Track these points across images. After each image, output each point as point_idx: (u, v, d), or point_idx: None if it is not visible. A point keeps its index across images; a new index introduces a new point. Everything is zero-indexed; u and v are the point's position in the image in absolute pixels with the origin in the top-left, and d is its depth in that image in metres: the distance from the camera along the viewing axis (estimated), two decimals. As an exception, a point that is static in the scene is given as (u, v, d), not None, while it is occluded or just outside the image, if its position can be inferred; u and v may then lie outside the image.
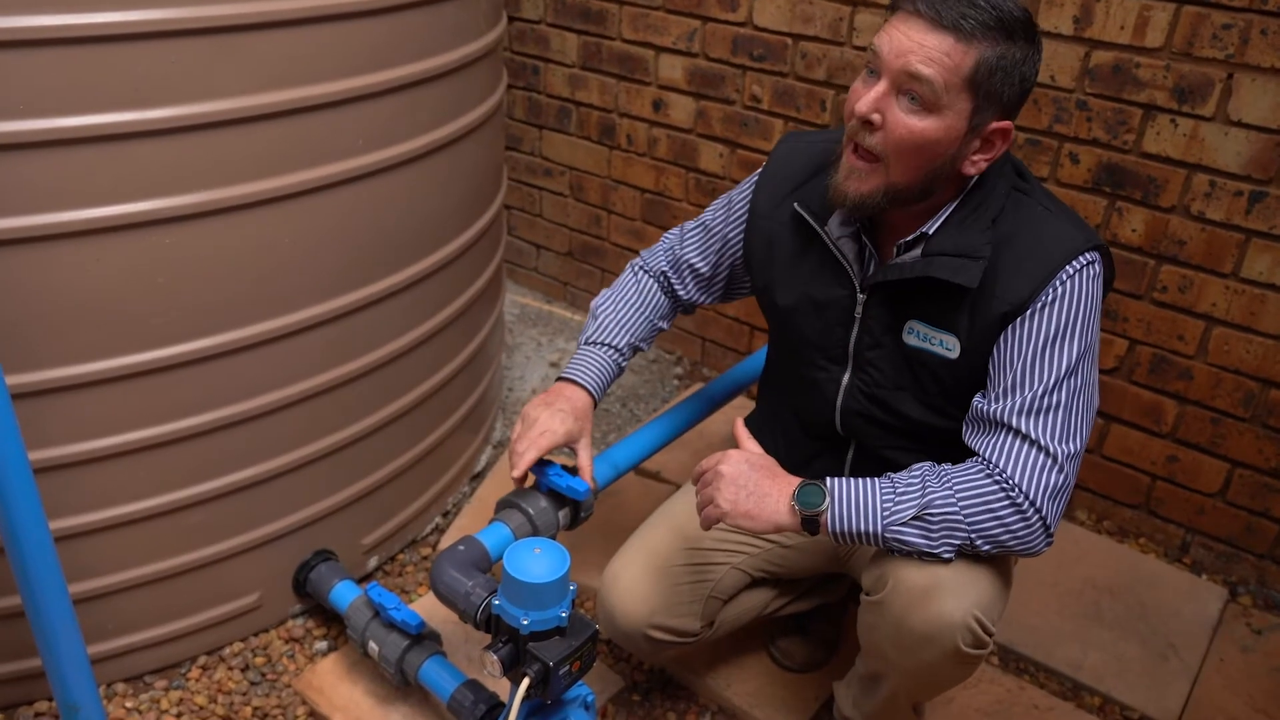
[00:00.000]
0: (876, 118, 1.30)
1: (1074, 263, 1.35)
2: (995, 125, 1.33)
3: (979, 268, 1.36)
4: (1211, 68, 1.95)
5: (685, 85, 2.69)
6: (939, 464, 1.39)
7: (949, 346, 1.43)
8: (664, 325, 1.77)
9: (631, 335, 1.71)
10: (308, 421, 1.81)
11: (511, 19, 2.96)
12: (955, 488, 1.34)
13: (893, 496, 1.35)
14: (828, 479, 1.38)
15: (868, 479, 1.37)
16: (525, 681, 1.36)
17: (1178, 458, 2.25)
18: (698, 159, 2.75)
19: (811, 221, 1.50)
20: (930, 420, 1.49)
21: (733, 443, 1.51)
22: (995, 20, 1.26)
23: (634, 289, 1.75)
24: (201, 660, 1.88)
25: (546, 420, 1.58)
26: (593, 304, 1.75)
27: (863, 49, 2.36)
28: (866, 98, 1.30)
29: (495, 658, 1.38)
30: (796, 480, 1.40)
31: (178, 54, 1.41)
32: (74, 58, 1.34)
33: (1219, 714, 1.90)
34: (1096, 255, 1.38)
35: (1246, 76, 1.92)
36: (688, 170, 2.79)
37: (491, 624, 1.43)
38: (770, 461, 1.45)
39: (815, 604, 1.86)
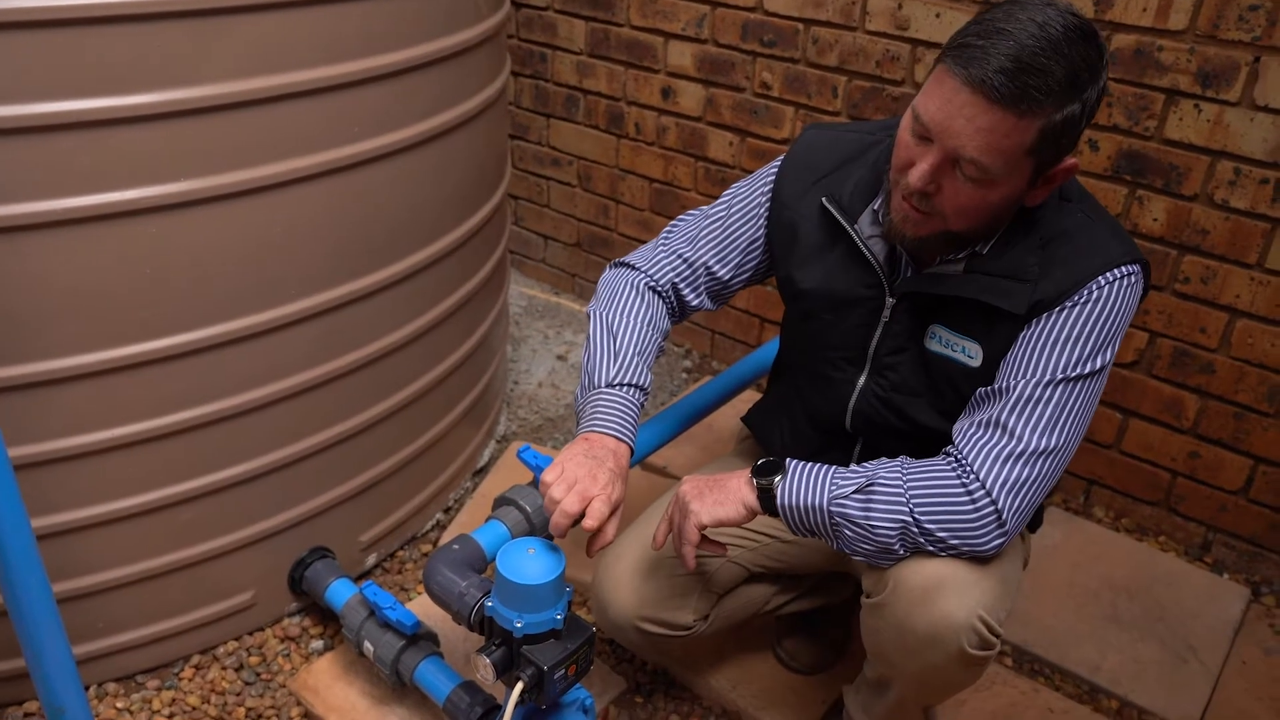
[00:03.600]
0: (933, 188, 1.25)
1: (1112, 272, 1.30)
2: (1059, 166, 1.27)
3: (1027, 290, 1.30)
4: (1237, 51, 1.88)
5: (694, 72, 2.63)
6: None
7: (971, 354, 1.37)
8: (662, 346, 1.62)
9: (650, 366, 1.50)
10: (302, 416, 1.76)
11: (518, 5, 2.91)
12: (906, 469, 1.31)
13: (844, 473, 1.33)
14: (788, 459, 1.36)
15: (827, 465, 1.36)
16: (519, 686, 1.33)
17: (1199, 454, 2.19)
18: (707, 148, 2.70)
19: (841, 219, 1.42)
20: (942, 428, 1.42)
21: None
22: (1065, 78, 1.14)
23: (643, 312, 1.51)
24: (195, 660, 1.85)
25: (606, 480, 1.35)
26: (604, 324, 1.50)
27: (876, 34, 2.29)
28: (920, 170, 1.23)
29: (488, 661, 1.34)
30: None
31: (160, 37, 1.36)
32: (52, 41, 1.30)
33: (1240, 718, 1.84)
34: (1137, 269, 1.32)
35: (1274, 60, 1.85)
36: (697, 159, 2.73)
37: (485, 626, 1.39)
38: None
39: (819, 604, 1.81)
